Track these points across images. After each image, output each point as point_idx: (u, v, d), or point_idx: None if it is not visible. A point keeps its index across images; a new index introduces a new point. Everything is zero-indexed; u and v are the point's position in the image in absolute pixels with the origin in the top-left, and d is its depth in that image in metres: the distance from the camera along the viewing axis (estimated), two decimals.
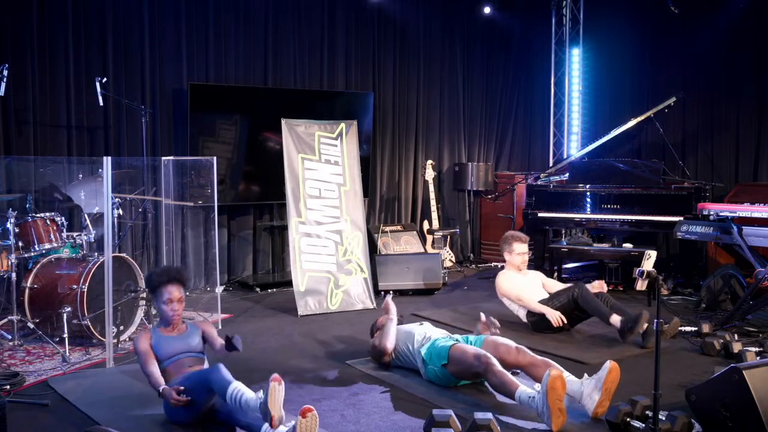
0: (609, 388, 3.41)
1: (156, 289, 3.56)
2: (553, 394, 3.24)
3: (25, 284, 4.70)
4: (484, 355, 3.63)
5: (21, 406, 3.58)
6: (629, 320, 4.62)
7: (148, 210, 5.95)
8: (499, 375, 3.53)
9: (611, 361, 3.46)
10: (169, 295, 3.52)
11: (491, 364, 3.58)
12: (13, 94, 5.58)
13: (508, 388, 3.47)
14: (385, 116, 8.09)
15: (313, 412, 2.98)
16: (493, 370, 3.55)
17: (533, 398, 3.34)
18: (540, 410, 3.29)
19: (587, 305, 4.82)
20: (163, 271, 3.63)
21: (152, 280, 3.59)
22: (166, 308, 3.52)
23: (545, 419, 3.27)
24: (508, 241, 5.29)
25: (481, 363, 3.61)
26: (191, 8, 6.66)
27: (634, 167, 6.92)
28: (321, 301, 5.86)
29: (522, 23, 9.06)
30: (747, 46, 7.37)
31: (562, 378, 3.32)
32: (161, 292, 3.53)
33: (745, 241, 5.32)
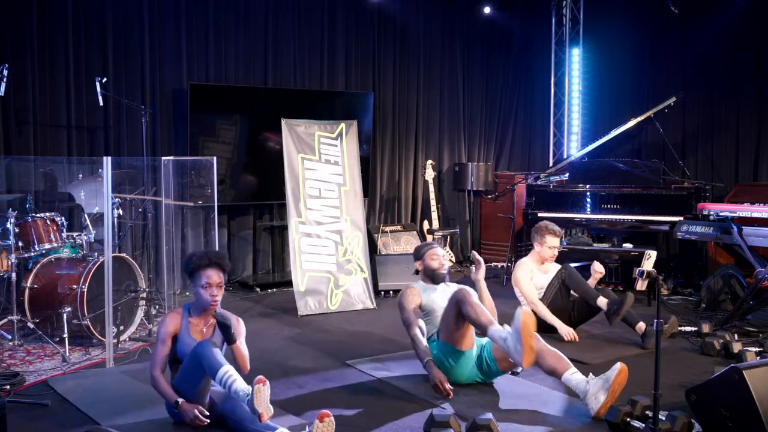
0: (615, 390, 3.42)
1: (194, 272, 3.37)
2: (525, 330, 3.35)
3: (25, 284, 4.70)
4: (461, 287, 3.82)
5: (21, 406, 3.58)
6: (615, 302, 4.65)
7: (148, 210, 5.95)
8: (476, 307, 3.66)
9: (621, 363, 3.46)
10: (207, 279, 3.34)
11: (469, 294, 3.74)
12: (13, 94, 5.58)
13: (482, 322, 3.60)
14: (385, 116, 8.09)
15: (330, 417, 2.98)
16: (470, 301, 3.68)
17: (505, 338, 3.45)
18: (512, 348, 3.39)
19: (574, 286, 4.86)
20: (203, 253, 3.45)
21: (191, 262, 3.39)
22: (204, 293, 3.35)
23: (517, 357, 3.38)
24: (542, 232, 5.08)
25: (458, 293, 3.75)
26: (191, 8, 6.66)
27: (634, 167, 6.92)
28: (321, 301, 5.86)
29: (522, 23, 9.06)
30: (747, 46, 7.36)
31: (532, 316, 3.46)
32: (200, 275, 3.35)
33: (745, 241, 5.32)
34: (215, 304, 3.38)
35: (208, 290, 3.36)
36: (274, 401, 3.63)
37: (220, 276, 3.39)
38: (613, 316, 4.61)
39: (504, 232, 8.17)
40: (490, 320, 3.60)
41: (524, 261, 5.19)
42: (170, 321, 3.38)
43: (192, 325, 3.42)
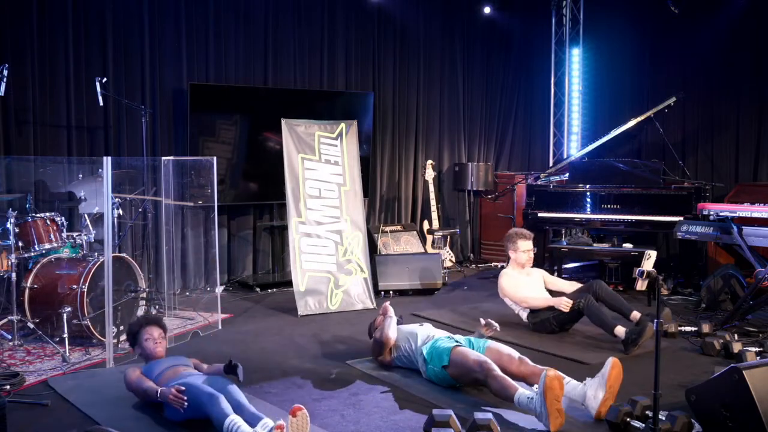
0: (613, 386, 3.41)
1: (137, 335, 3.71)
2: (551, 393, 3.24)
3: (25, 284, 4.70)
4: (485, 362, 3.63)
5: (21, 406, 3.58)
6: (633, 332, 4.56)
7: (148, 210, 5.95)
8: (500, 380, 3.53)
9: (613, 358, 3.46)
10: (148, 335, 3.68)
11: (491, 370, 3.57)
12: (13, 94, 5.58)
13: (508, 392, 3.46)
14: (385, 116, 8.09)
15: (303, 410, 2.99)
16: (493, 376, 3.55)
17: (531, 399, 3.33)
18: (538, 411, 3.28)
19: (592, 317, 4.80)
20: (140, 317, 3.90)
21: (132, 328, 3.76)
22: (148, 344, 3.67)
23: (543, 420, 3.26)
24: (512, 238, 5.23)
25: (483, 370, 3.60)
26: (191, 8, 6.66)
27: (634, 167, 6.92)
28: (321, 301, 5.86)
29: (522, 23, 9.06)
30: (747, 46, 7.36)
31: (560, 378, 3.31)
32: (141, 333, 3.70)
33: (745, 241, 5.32)
34: (161, 351, 3.70)
35: (150, 341, 3.68)
36: (274, 401, 3.64)
37: (159, 331, 3.75)
38: (631, 345, 4.53)
39: (504, 232, 8.10)
40: (515, 388, 3.47)
41: (507, 271, 5.29)
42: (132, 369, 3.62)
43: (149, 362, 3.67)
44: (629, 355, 4.49)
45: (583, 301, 4.81)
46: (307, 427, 2.99)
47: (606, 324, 4.72)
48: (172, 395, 3.22)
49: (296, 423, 2.97)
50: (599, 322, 4.76)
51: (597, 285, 5.01)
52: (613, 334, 4.66)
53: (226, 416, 3.08)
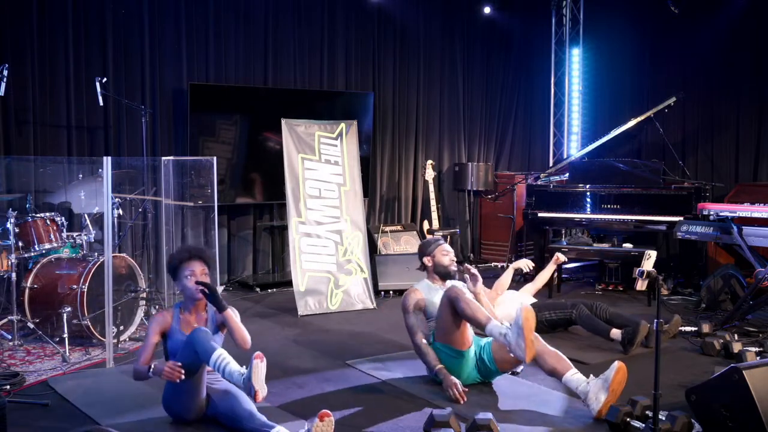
0: (616, 389, 3.42)
1: (177, 268, 3.38)
2: (527, 325, 3.38)
3: (25, 284, 4.70)
4: (453, 286, 3.77)
5: (21, 406, 3.58)
6: (628, 333, 4.57)
7: (148, 210, 5.95)
8: (471, 305, 3.65)
9: (619, 362, 3.46)
10: (191, 269, 3.35)
11: (462, 291, 3.71)
12: (13, 94, 5.58)
13: (480, 318, 3.59)
14: (385, 116, 8.09)
15: (330, 417, 2.99)
16: (463, 298, 3.66)
17: (505, 334, 3.46)
18: (514, 343, 3.40)
19: (585, 326, 4.80)
20: (183, 249, 3.47)
21: (174, 259, 3.41)
22: (189, 283, 3.34)
23: (518, 351, 3.39)
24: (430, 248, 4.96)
25: (451, 291, 3.72)
26: (191, 8, 6.66)
27: (634, 167, 6.92)
28: (321, 301, 5.86)
29: (522, 23, 9.06)
30: (747, 46, 7.36)
31: (533, 311, 3.46)
32: (182, 268, 3.36)
33: (745, 241, 5.32)
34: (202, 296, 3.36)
35: (192, 279, 3.35)
36: (274, 401, 3.64)
37: (202, 266, 3.39)
38: (629, 345, 4.55)
39: (504, 232, 8.17)
40: (487, 316, 3.59)
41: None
42: (159, 318, 3.39)
43: (183, 322, 3.39)
44: (629, 354, 4.50)
45: (575, 311, 4.82)
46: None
47: (600, 330, 4.73)
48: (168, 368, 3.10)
49: (322, 427, 2.97)
50: (593, 330, 4.77)
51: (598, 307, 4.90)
52: (610, 338, 4.67)
53: (213, 349, 3.06)
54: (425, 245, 4.25)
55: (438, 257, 4.15)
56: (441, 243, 4.23)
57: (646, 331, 4.56)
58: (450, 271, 4.13)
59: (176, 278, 3.43)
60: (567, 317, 4.87)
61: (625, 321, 4.74)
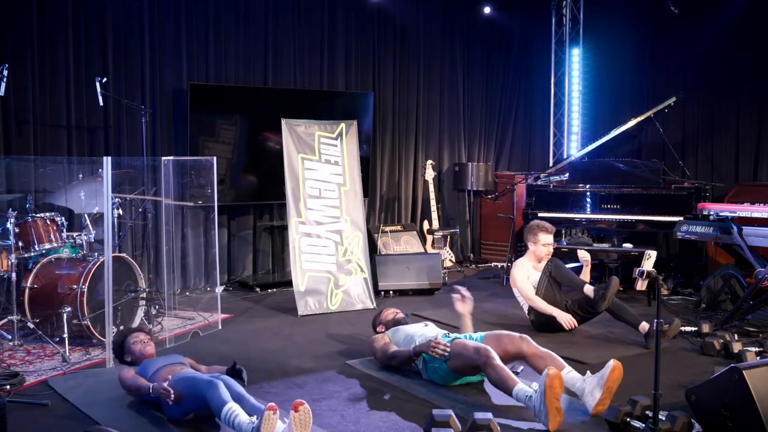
0: (611, 387, 3.42)
1: (123, 344, 3.81)
2: (551, 392, 3.24)
3: (25, 284, 4.70)
4: (484, 348, 3.63)
5: (21, 406, 3.58)
6: (601, 287, 4.76)
7: (148, 210, 5.95)
8: (498, 369, 3.53)
9: (615, 360, 3.47)
10: (134, 339, 3.78)
11: (491, 357, 3.57)
12: (13, 94, 5.58)
13: (506, 384, 3.47)
14: (385, 116, 8.09)
15: (304, 405, 2.97)
16: (492, 364, 3.55)
17: (530, 397, 3.34)
18: (537, 409, 3.28)
19: (561, 277, 4.94)
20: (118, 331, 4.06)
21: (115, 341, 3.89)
22: (136, 347, 3.76)
23: (542, 418, 3.26)
24: (534, 230, 5.21)
25: (481, 356, 3.60)
26: (191, 8, 6.66)
27: (634, 167, 6.92)
28: (321, 301, 5.86)
29: (522, 23, 9.06)
30: (747, 46, 7.36)
31: (560, 377, 3.31)
32: (126, 341, 3.80)
33: (745, 241, 5.32)
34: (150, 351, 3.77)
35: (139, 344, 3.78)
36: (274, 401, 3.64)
37: (144, 334, 3.87)
38: (600, 300, 4.69)
39: (504, 232, 8.17)
40: (515, 381, 3.47)
41: (521, 261, 5.29)
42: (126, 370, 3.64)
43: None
44: (600, 312, 4.81)
45: (551, 263, 5.01)
46: (310, 421, 2.97)
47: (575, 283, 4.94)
48: (163, 389, 3.20)
49: (299, 417, 2.95)
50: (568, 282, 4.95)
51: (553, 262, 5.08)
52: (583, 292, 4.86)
53: (225, 403, 3.07)
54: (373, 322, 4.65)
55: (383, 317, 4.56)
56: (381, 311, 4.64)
57: (617, 285, 4.74)
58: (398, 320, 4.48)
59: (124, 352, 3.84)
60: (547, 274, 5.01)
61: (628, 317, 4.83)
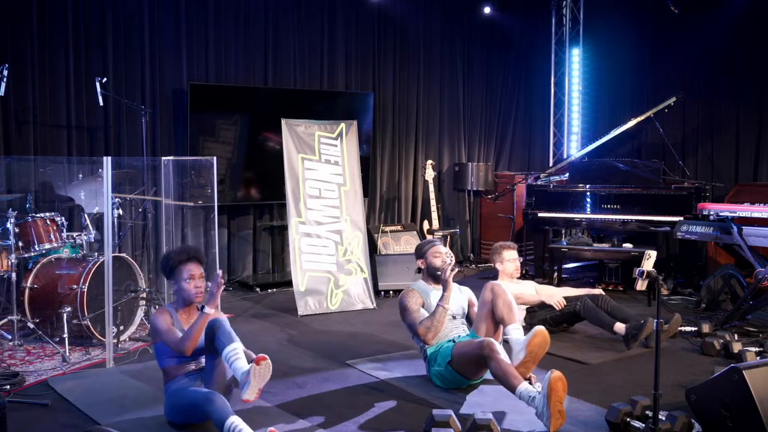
0: (533, 351, 3.66)
1: (174, 269, 3.43)
2: (555, 395, 3.23)
3: (25, 284, 4.70)
4: (489, 341, 3.63)
5: (21, 406, 3.58)
6: (633, 327, 4.56)
7: (148, 210, 5.95)
8: (503, 365, 3.52)
9: (540, 327, 3.72)
10: (189, 273, 3.41)
11: (495, 351, 3.56)
12: (13, 94, 5.58)
13: (510, 381, 3.46)
14: (385, 116, 8.09)
15: (266, 360, 3.03)
16: (497, 358, 3.54)
17: (533, 399, 3.33)
18: (539, 411, 3.28)
19: (590, 319, 4.81)
20: (180, 249, 3.52)
21: (170, 260, 3.45)
22: (188, 286, 3.41)
23: (544, 420, 3.26)
24: (497, 251, 5.16)
25: (485, 348, 3.60)
26: (191, 8, 6.66)
27: (634, 167, 6.92)
28: (321, 301, 5.86)
29: (522, 23, 9.06)
30: (747, 46, 7.36)
31: (563, 380, 3.30)
32: (180, 270, 3.41)
33: (745, 241, 5.32)
34: (200, 296, 3.43)
35: (192, 283, 3.41)
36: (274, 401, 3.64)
37: (200, 268, 3.45)
38: (632, 340, 4.54)
39: (504, 232, 8.16)
40: (519, 380, 3.47)
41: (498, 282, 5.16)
42: (163, 316, 3.41)
43: (181, 320, 3.45)
44: (630, 349, 4.52)
45: (579, 303, 4.82)
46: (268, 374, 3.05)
47: (605, 323, 4.73)
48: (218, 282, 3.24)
49: (260, 370, 3.00)
50: (598, 322, 4.77)
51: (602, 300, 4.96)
52: (613, 332, 4.67)
53: (227, 417, 3.06)
54: (419, 247, 4.30)
55: (430, 259, 4.19)
56: (435, 244, 4.25)
57: (651, 328, 4.54)
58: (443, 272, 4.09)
59: (172, 279, 3.47)
60: (571, 311, 4.87)
61: (626, 316, 4.77)
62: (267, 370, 3.04)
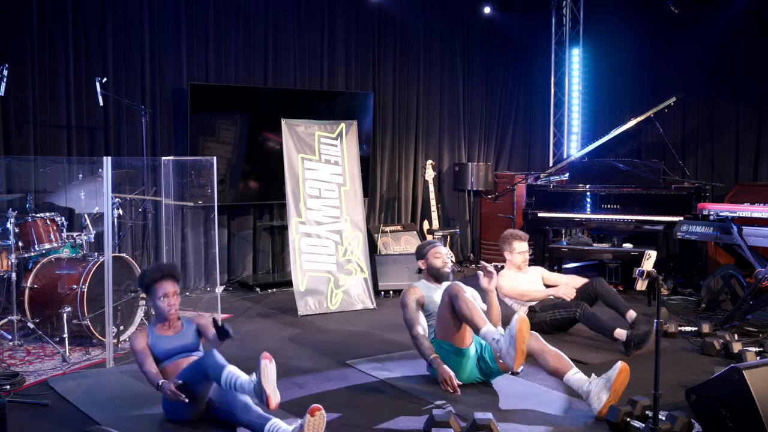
0: (617, 389, 3.43)
1: (150, 287, 3.54)
2: (521, 335, 3.39)
3: (25, 284, 4.70)
4: (454, 283, 3.78)
5: (21, 406, 3.58)
6: (636, 336, 4.51)
7: (148, 210, 5.95)
8: (469, 304, 3.65)
9: (622, 362, 3.47)
10: (164, 291, 3.51)
11: (462, 290, 3.72)
12: (13, 94, 5.58)
13: (476, 321, 3.60)
14: (385, 116, 8.09)
15: (321, 411, 2.99)
16: (462, 297, 3.67)
17: (498, 340, 3.47)
18: (505, 351, 3.41)
19: (590, 325, 4.78)
20: (155, 267, 3.62)
21: (145, 278, 3.57)
22: (162, 304, 3.52)
23: (508, 360, 3.40)
24: (508, 240, 5.20)
25: (451, 289, 3.73)
26: (191, 8, 6.66)
27: (634, 167, 6.92)
28: (321, 301, 5.86)
29: (522, 23, 9.06)
30: (747, 46, 7.36)
31: (528, 323, 3.46)
32: (155, 288, 3.52)
33: (745, 241, 5.32)
34: (174, 313, 3.55)
35: (165, 301, 3.52)
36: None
37: (174, 286, 3.57)
38: (633, 348, 4.50)
39: None
40: (483, 319, 3.60)
41: (505, 272, 5.20)
42: (139, 337, 3.52)
43: (159, 332, 3.55)
44: (630, 356, 4.48)
45: (579, 310, 4.80)
46: (323, 427, 3.00)
47: (605, 329, 4.70)
48: (171, 391, 3.20)
49: (314, 422, 2.97)
50: (597, 329, 4.74)
51: (597, 282, 5.06)
52: (614, 338, 4.64)
53: (223, 367, 3.12)
54: (420, 248, 4.35)
55: (431, 260, 4.24)
56: (435, 245, 4.30)
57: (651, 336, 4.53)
58: (442, 273, 4.21)
59: (149, 295, 3.61)
60: (570, 316, 4.85)
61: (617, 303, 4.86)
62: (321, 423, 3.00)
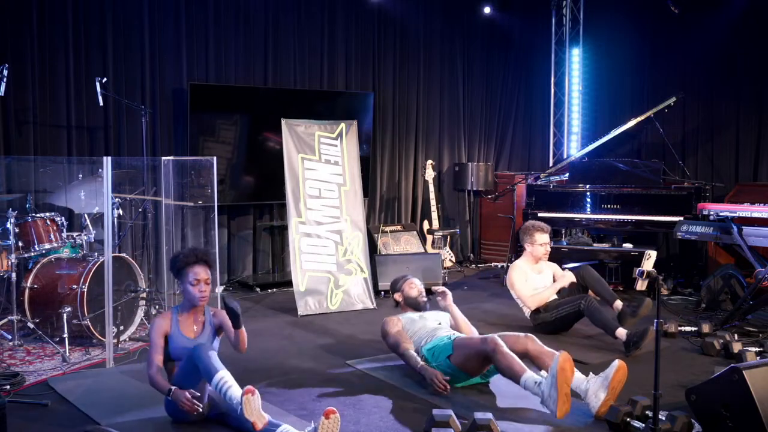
0: (615, 388, 3.42)
1: (182, 270, 3.44)
2: (562, 375, 3.21)
3: (25, 284, 4.70)
4: (491, 337, 3.62)
5: (21, 406, 3.58)
6: (635, 335, 4.51)
7: (148, 210, 5.95)
8: (508, 357, 3.51)
9: (619, 361, 3.46)
10: (195, 276, 3.41)
11: (499, 344, 3.55)
12: (13, 94, 5.58)
13: (515, 371, 3.46)
14: (385, 116, 8.09)
15: (336, 414, 2.98)
16: (501, 351, 3.53)
17: (539, 384, 3.32)
18: (546, 394, 3.25)
19: (593, 318, 4.76)
20: (190, 251, 3.52)
21: (178, 261, 3.46)
22: (193, 289, 3.42)
23: (550, 404, 3.24)
24: (530, 231, 5.12)
25: (488, 344, 3.59)
26: (191, 8, 6.66)
27: (634, 167, 6.92)
28: (321, 301, 5.86)
29: (522, 23, 9.06)
30: (747, 46, 7.36)
31: (572, 361, 3.28)
32: (187, 273, 3.42)
33: (745, 241, 5.32)
34: (204, 300, 3.46)
35: (196, 286, 3.42)
36: (274, 401, 3.64)
37: (207, 272, 3.46)
38: (632, 348, 4.49)
39: (504, 232, 8.17)
40: (522, 367, 3.47)
41: (518, 264, 5.21)
42: (160, 323, 3.44)
43: (182, 324, 3.47)
44: (630, 356, 4.48)
45: (584, 302, 4.79)
46: (337, 430, 2.99)
47: (608, 326, 4.69)
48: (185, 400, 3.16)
49: (328, 425, 2.95)
50: (600, 324, 4.73)
51: (584, 269, 5.09)
52: (615, 336, 4.64)
53: (216, 371, 3.09)
54: (394, 282, 4.51)
55: (407, 290, 4.39)
56: (408, 278, 4.46)
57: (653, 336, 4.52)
58: (420, 302, 4.34)
59: (179, 279, 3.49)
60: (575, 309, 4.84)
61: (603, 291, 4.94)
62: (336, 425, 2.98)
